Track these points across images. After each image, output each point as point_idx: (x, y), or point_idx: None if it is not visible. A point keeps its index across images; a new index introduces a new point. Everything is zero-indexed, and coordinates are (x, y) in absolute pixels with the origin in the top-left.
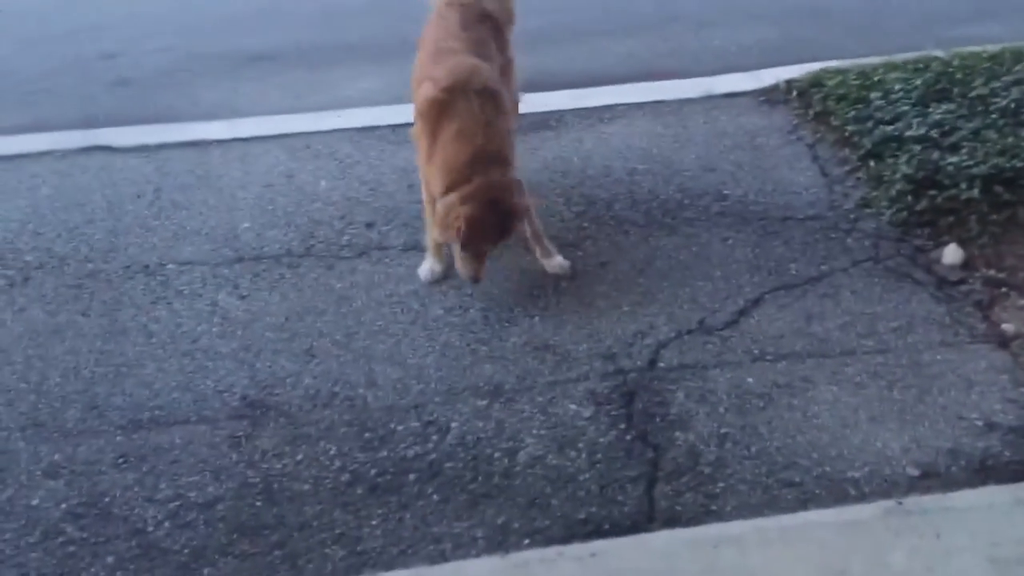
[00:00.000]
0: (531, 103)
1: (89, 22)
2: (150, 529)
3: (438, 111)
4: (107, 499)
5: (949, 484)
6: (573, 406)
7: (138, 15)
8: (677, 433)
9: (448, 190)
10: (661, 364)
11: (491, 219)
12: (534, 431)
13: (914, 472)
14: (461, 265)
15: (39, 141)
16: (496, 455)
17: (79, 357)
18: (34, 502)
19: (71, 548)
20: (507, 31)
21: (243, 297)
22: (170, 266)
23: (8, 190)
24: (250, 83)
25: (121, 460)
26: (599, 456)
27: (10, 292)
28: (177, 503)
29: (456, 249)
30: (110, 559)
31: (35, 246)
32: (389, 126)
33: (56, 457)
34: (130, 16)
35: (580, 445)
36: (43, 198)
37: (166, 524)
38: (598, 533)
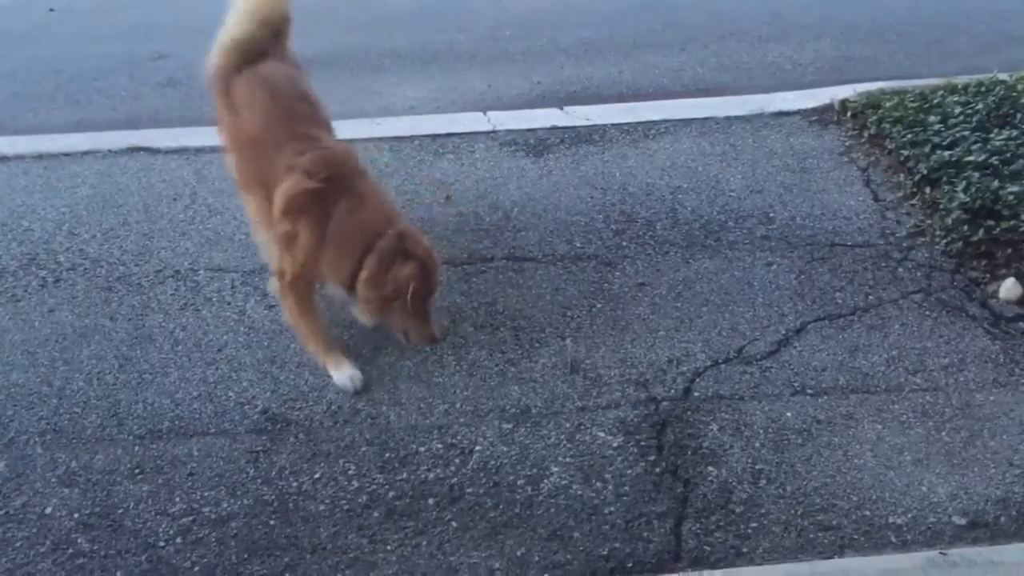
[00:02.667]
0: (575, 116)
1: (143, 22)
2: (161, 544)
3: (318, 200)
4: (120, 511)
5: (998, 536)
6: (601, 434)
7: (191, 17)
8: (709, 468)
9: (357, 267)
10: (696, 394)
11: (429, 267)
12: (560, 459)
13: (960, 521)
14: (420, 330)
15: (82, 140)
16: (519, 482)
17: (103, 362)
18: (47, 510)
19: (80, 560)
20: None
21: (271, 307)
22: (201, 272)
23: (48, 189)
24: None
25: (137, 471)
26: (626, 488)
27: (41, 293)
28: (190, 518)
29: (402, 319)
30: (119, 574)
31: (69, 247)
32: (429, 135)
33: (73, 464)
34: (183, 18)
35: (607, 476)
36: (81, 198)
37: (178, 540)
38: (621, 571)
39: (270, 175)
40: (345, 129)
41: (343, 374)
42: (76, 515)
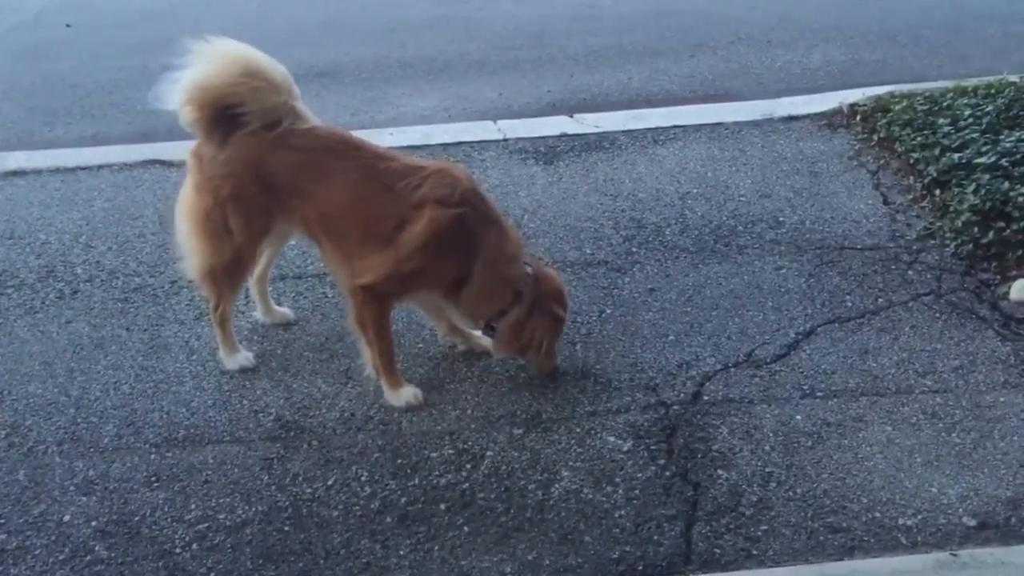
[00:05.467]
0: (585, 123)
1: (159, 36)
2: (177, 551)
3: (463, 230)
4: (137, 518)
5: (1008, 537)
6: (612, 438)
7: (207, 29)
8: (719, 471)
9: (501, 311)
10: (705, 397)
11: (563, 315)
12: (570, 463)
13: (971, 522)
14: (543, 365)
15: (98, 154)
16: (530, 487)
17: (120, 372)
18: (66, 518)
19: (98, 567)
20: None
21: None
22: None
23: (65, 202)
24: (308, 99)
25: (153, 478)
26: (636, 492)
27: (58, 304)
28: (206, 524)
29: (537, 357)
30: None
31: (86, 259)
32: (440, 144)
33: (90, 473)
34: (199, 30)
35: (617, 480)
36: (98, 211)
37: (193, 546)
38: (631, 574)
39: (383, 228)
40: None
41: (404, 394)
42: (94, 523)
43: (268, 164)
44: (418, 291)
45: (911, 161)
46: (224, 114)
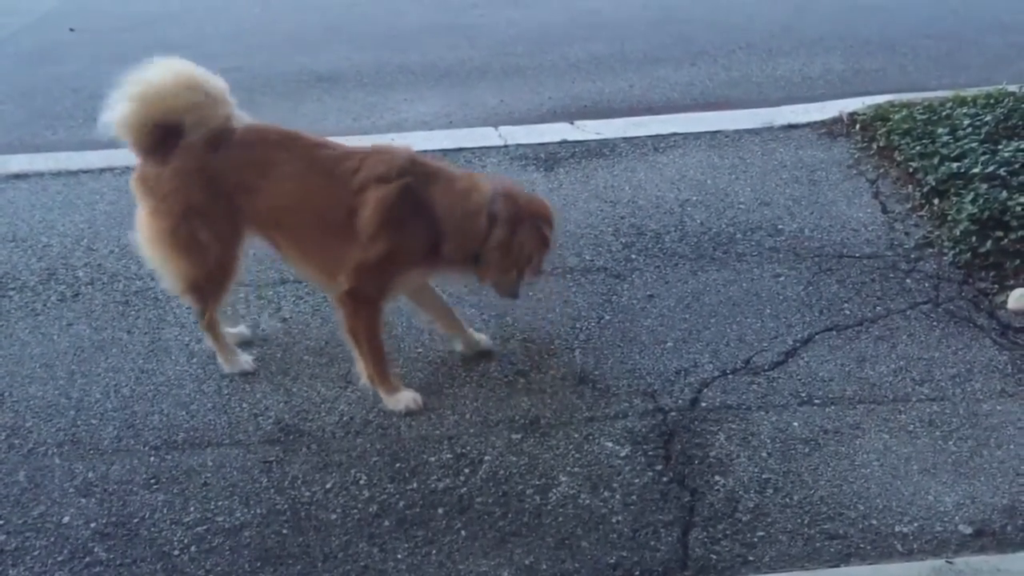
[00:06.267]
0: (585, 130)
1: (162, 41)
2: (176, 553)
3: (411, 198)
4: (136, 520)
5: (1004, 545)
6: (609, 444)
7: (210, 34)
8: (716, 477)
9: (483, 238)
10: (703, 404)
11: (550, 223)
12: (568, 468)
13: (967, 530)
14: (510, 284)
15: (100, 158)
16: (528, 492)
17: (120, 375)
18: (65, 519)
19: (97, 569)
20: None
21: (285, 320)
22: None
23: (68, 205)
24: (310, 104)
25: (153, 481)
26: (633, 498)
27: (60, 307)
28: (204, 527)
29: (510, 280)
30: None
31: (87, 262)
32: (441, 150)
33: (90, 475)
34: (201, 36)
35: (614, 485)
36: (100, 214)
37: (192, 548)
38: None
39: (334, 218)
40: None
41: (402, 399)
42: (93, 524)
43: (212, 167)
44: (399, 277)
45: (910, 170)
46: (163, 132)
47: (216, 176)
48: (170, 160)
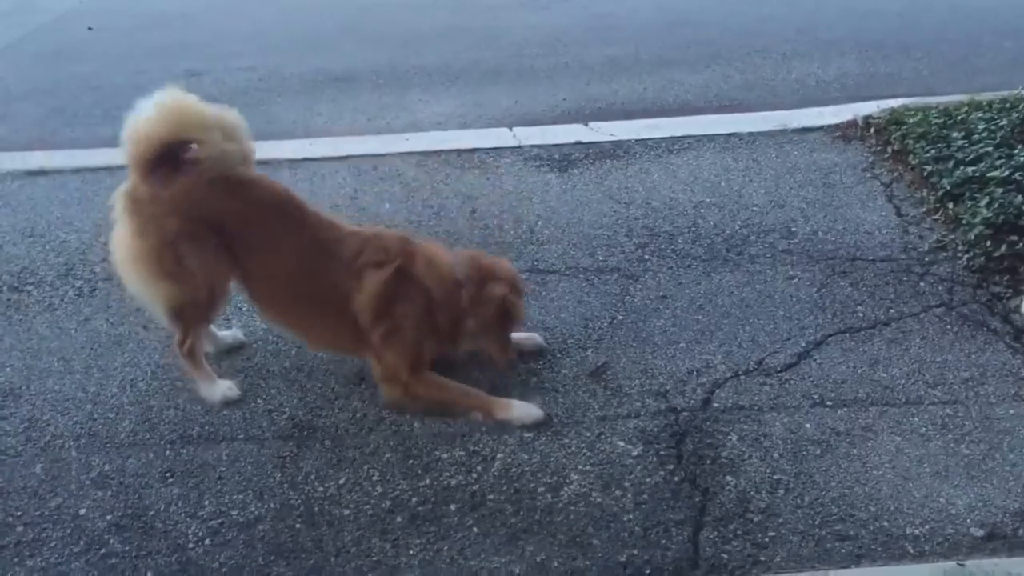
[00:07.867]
0: (600, 132)
1: (179, 40)
2: (190, 546)
3: (405, 279)
4: (151, 512)
5: (1016, 548)
6: (621, 443)
7: (227, 34)
8: (728, 477)
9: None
10: (715, 404)
11: (516, 283)
12: (580, 467)
13: (979, 532)
14: (502, 350)
15: (119, 155)
16: (540, 489)
17: (137, 369)
18: (81, 511)
19: (112, 560)
20: None
21: None
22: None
23: (85, 201)
24: (326, 104)
25: (168, 474)
26: (645, 497)
27: (77, 302)
28: (219, 520)
29: (493, 339)
30: (149, 574)
31: (105, 258)
32: (455, 150)
33: (106, 468)
34: (219, 35)
35: (626, 484)
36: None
37: (206, 541)
38: None
39: (330, 295)
40: (373, 144)
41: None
42: (109, 516)
43: (216, 209)
44: (417, 347)
45: (924, 174)
46: (167, 155)
47: (218, 220)
48: (173, 185)
